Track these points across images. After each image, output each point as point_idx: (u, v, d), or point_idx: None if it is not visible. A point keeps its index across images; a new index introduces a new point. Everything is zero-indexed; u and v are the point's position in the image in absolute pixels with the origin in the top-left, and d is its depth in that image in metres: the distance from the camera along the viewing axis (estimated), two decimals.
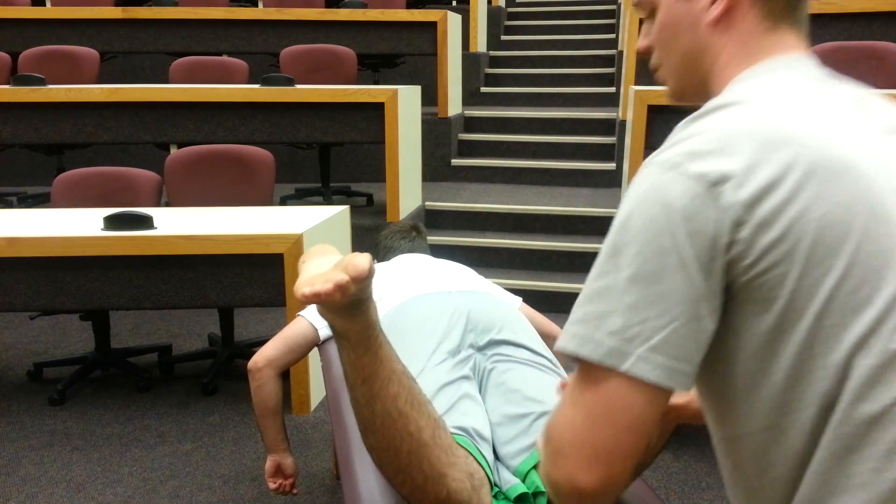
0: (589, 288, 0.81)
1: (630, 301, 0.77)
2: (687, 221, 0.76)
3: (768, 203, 0.75)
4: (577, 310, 0.81)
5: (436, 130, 5.20)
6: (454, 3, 7.05)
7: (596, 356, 0.77)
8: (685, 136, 0.81)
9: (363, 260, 1.17)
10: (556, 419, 0.82)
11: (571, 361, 0.82)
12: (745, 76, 0.87)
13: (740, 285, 0.77)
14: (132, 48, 5.18)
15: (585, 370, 0.79)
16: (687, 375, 0.78)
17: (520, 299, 2.21)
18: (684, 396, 1.28)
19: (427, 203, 4.57)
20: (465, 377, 1.58)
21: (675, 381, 0.77)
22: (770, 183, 0.75)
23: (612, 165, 5.05)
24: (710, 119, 0.82)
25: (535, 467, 1.44)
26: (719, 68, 0.90)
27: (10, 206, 4.92)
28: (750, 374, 0.79)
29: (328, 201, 4.74)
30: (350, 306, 1.22)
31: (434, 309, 1.77)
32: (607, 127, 5.41)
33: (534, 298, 3.60)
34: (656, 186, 0.78)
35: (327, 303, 1.18)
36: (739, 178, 0.76)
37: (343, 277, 1.15)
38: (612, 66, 6.18)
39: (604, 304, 0.78)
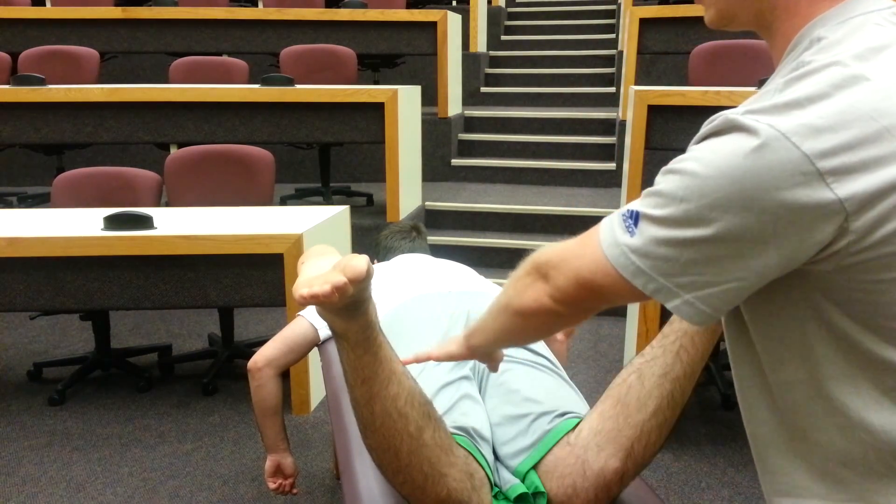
0: (654, 214, 0.77)
1: (695, 257, 0.75)
2: (786, 205, 0.69)
3: (891, 199, 0.69)
4: (640, 236, 0.78)
5: (436, 130, 5.20)
6: (454, 3, 7.05)
7: (647, 290, 0.79)
8: (794, 97, 0.71)
9: (361, 261, 1.17)
10: (569, 260, 0.86)
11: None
12: (835, 14, 0.78)
13: (839, 266, 0.72)
14: (132, 48, 5.18)
15: (620, 273, 0.80)
16: (715, 320, 0.79)
17: None
18: None
19: (427, 203, 4.57)
20: (465, 377, 1.58)
21: (705, 323, 0.79)
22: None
23: (612, 165, 5.05)
24: (819, 80, 0.72)
25: (534, 467, 1.44)
26: None
27: (10, 206, 4.92)
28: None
29: (328, 201, 4.73)
30: (349, 307, 1.22)
31: (434, 309, 1.77)
32: (607, 127, 5.41)
33: None
34: (758, 153, 0.70)
35: (326, 304, 1.19)
36: (861, 168, 0.68)
37: (341, 279, 1.14)
38: (612, 66, 6.18)
39: (667, 249, 0.76)
